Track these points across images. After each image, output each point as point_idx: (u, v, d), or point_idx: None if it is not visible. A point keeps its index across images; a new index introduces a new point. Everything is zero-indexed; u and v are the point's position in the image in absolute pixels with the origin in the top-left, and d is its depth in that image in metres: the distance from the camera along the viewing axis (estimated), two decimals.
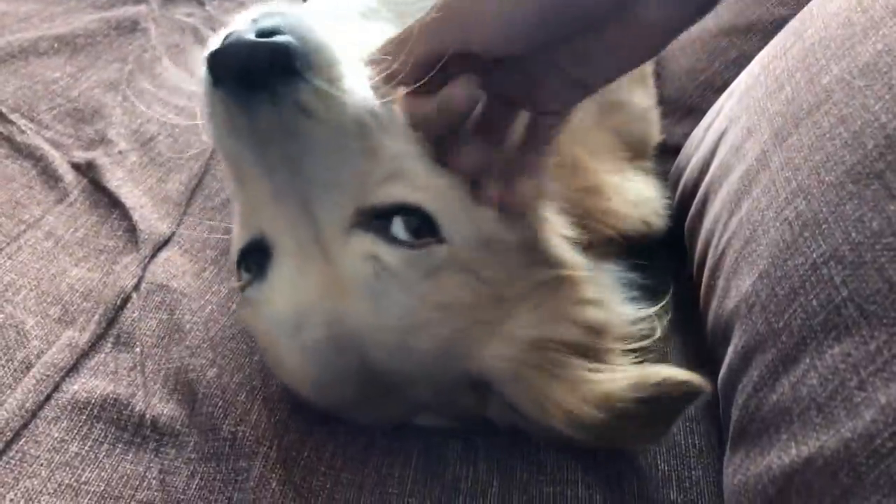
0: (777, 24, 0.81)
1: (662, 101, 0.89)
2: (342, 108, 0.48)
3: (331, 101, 0.47)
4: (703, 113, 0.80)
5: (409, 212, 0.50)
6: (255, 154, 0.48)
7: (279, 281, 0.51)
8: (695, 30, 0.90)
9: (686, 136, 0.82)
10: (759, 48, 0.75)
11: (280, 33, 0.45)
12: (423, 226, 0.50)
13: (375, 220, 0.50)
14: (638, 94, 0.80)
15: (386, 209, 0.50)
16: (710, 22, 0.89)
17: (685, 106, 0.88)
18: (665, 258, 0.71)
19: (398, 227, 0.49)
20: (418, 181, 0.51)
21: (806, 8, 0.65)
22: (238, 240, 0.55)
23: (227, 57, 0.44)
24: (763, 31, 0.84)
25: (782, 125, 0.58)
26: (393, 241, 0.49)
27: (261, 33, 0.45)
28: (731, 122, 0.68)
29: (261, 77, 0.45)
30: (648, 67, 0.86)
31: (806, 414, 0.44)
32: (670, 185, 0.79)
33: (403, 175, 0.51)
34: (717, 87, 0.85)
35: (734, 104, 0.69)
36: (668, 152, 0.84)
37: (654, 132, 0.81)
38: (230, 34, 0.45)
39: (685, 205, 0.72)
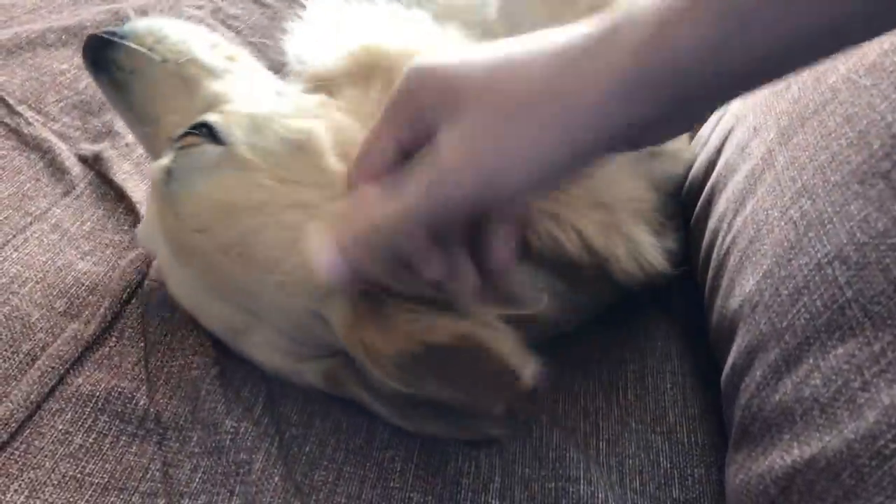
0: None
1: None
2: (152, 60, 0.62)
3: (140, 56, 0.62)
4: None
5: (200, 127, 0.56)
6: (111, 102, 0.66)
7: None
8: None
9: (692, 134, 0.82)
10: None
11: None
12: (210, 135, 0.55)
13: (179, 142, 0.57)
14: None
15: (185, 131, 0.57)
16: None
17: None
18: None
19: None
20: (228, 109, 0.58)
21: None
22: None
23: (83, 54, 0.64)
24: None
25: (788, 124, 0.58)
26: (182, 153, 0.56)
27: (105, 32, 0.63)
28: (737, 120, 0.68)
29: (98, 58, 0.63)
30: None
31: (809, 414, 0.44)
32: None
33: (217, 107, 0.59)
34: None
35: (741, 103, 0.69)
36: None
37: (680, 168, 0.77)
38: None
39: (690, 203, 0.72)
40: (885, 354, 0.41)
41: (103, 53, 0.63)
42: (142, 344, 0.63)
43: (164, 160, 0.56)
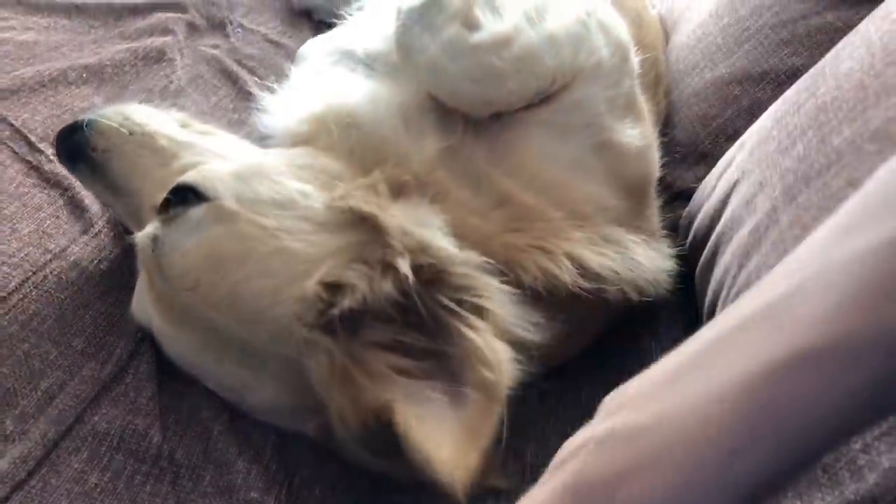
0: (790, 74, 0.82)
1: (674, 145, 0.90)
2: (125, 136, 0.67)
3: (113, 134, 0.67)
4: (716, 159, 0.81)
5: (179, 190, 0.59)
6: (90, 188, 0.72)
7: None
8: (708, 76, 0.92)
9: (698, 181, 0.83)
10: (773, 97, 0.76)
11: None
12: (193, 196, 0.58)
13: (162, 209, 0.59)
14: (628, 133, 0.70)
15: (167, 196, 0.60)
16: (723, 69, 0.91)
17: (697, 152, 0.90)
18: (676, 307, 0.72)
19: (173, 205, 0.59)
20: (205, 169, 0.61)
21: (818, 66, 0.67)
22: None
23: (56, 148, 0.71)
24: (776, 80, 0.85)
25: (793, 182, 0.59)
26: (166, 218, 0.58)
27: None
28: (743, 173, 0.69)
29: (72, 146, 0.68)
30: (643, 105, 0.75)
31: (811, 473, 0.45)
32: (682, 231, 0.80)
33: (190, 169, 0.62)
34: (729, 135, 0.86)
35: (746, 156, 0.70)
36: (681, 197, 0.86)
37: (653, 171, 0.74)
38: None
39: (696, 253, 0.73)
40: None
41: (76, 140, 0.67)
42: (156, 381, 0.64)
43: (149, 228, 0.59)
